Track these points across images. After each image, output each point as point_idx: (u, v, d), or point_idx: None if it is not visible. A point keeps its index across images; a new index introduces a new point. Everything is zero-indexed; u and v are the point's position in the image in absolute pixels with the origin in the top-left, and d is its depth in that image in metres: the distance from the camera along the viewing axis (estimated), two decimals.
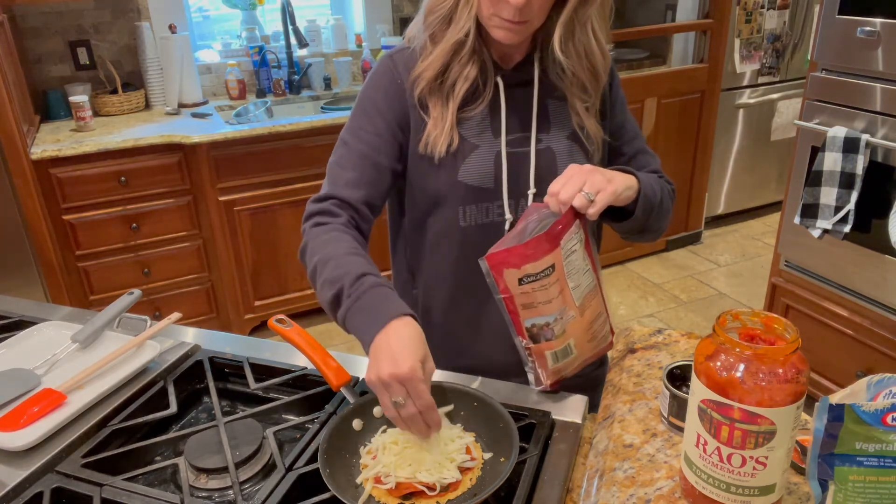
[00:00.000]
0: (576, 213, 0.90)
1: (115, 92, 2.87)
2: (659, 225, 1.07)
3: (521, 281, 0.89)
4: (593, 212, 0.89)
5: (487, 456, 0.88)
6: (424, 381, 0.81)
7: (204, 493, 0.87)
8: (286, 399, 1.01)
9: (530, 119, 1.06)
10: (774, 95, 3.66)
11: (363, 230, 1.03)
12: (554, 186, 0.90)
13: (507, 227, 1.07)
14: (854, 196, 2.00)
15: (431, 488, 0.82)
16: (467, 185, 1.04)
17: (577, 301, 0.94)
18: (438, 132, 1.02)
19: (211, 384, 1.04)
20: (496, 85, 1.04)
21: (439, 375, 1.07)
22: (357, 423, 0.91)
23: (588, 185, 0.89)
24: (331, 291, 0.91)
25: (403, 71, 1.04)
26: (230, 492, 0.87)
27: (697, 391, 0.69)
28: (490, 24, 0.97)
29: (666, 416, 0.87)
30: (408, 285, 1.18)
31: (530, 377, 0.98)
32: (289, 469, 0.86)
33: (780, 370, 0.64)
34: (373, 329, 0.85)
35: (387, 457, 0.85)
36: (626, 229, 1.04)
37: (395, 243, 1.19)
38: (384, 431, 0.91)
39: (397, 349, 0.81)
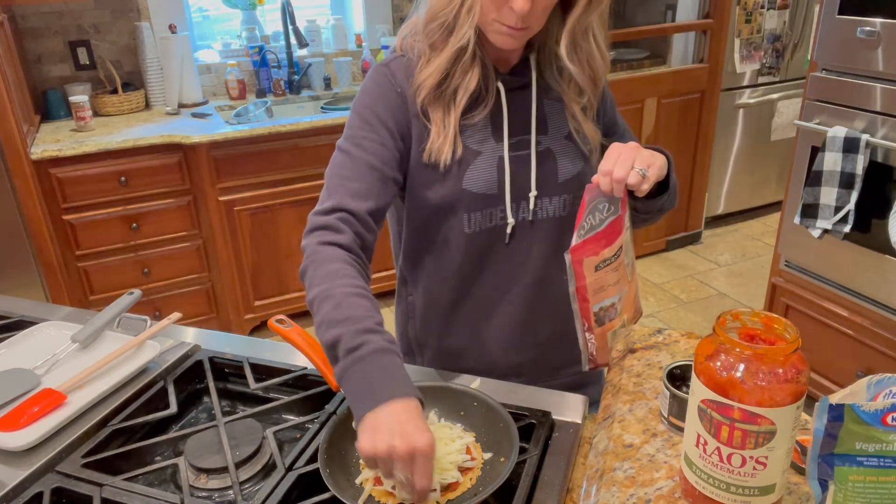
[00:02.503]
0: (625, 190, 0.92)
1: (115, 92, 2.87)
2: (672, 204, 1.08)
3: (597, 267, 0.91)
4: (646, 188, 0.90)
5: (487, 456, 0.88)
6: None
7: (204, 493, 0.87)
8: (286, 399, 1.01)
9: (529, 121, 1.05)
10: (774, 95, 3.66)
11: (368, 244, 0.99)
12: (605, 166, 0.89)
13: (508, 230, 1.07)
14: (854, 196, 2.00)
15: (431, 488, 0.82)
16: (472, 192, 1.03)
17: (629, 276, 0.98)
18: (442, 141, 1.01)
19: (211, 384, 1.04)
20: (497, 90, 1.04)
21: (439, 376, 1.07)
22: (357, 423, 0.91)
23: (638, 161, 0.89)
24: (328, 335, 0.84)
25: (403, 80, 1.02)
26: (230, 492, 0.87)
27: (697, 391, 0.69)
28: (490, 30, 0.96)
29: (666, 416, 0.87)
30: (402, 290, 1.18)
31: (585, 359, 0.99)
32: (289, 469, 0.86)
33: (780, 370, 0.64)
34: (373, 401, 0.78)
35: None
36: (650, 208, 1.04)
37: (398, 248, 1.19)
38: None
39: (409, 422, 0.75)
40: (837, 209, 2.04)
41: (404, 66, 1.03)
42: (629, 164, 0.89)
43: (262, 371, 1.07)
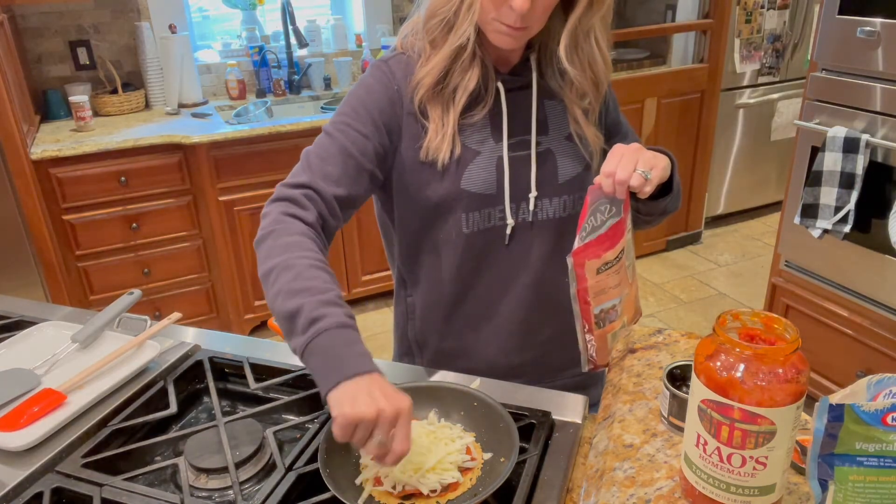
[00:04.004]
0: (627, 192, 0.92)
1: (115, 92, 2.87)
2: (675, 206, 1.08)
3: (598, 270, 0.91)
4: (649, 189, 0.89)
5: (487, 456, 0.88)
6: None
7: (204, 493, 0.87)
8: (286, 399, 1.01)
9: (529, 122, 1.05)
10: (774, 95, 3.66)
11: (330, 228, 0.98)
12: (608, 167, 0.89)
13: (508, 231, 1.06)
14: (854, 196, 2.00)
15: (431, 489, 0.82)
16: (470, 192, 1.03)
17: (630, 278, 0.98)
18: (440, 140, 1.01)
19: (211, 384, 1.04)
20: (496, 90, 1.03)
21: (439, 376, 1.07)
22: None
23: (641, 163, 0.89)
24: (287, 304, 0.83)
25: (401, 77, 1.02)
26: (230, 492, 0.87)
27: (697, 391, 0.69)
28: (489, 28, 0.96)
29: (666, 416, 0.87)
30: (401, 291, 1.18)
31: (584, 360, 0.99)
32: (289, 469, 0.86)
33: (780, 370, 0.64)
34: (342, 374, 0.78)
35: None
36: (653, 210, 1.04)
37: (391, 250, 1.18)
38: None
39: (387, 387, 0.78)
40: (837, 209, 2.04)
41: (404, 64, 1.03)
42: (632, 165, 0.88)
43: (262, 371, 1.07)
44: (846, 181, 2.01)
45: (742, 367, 0.65)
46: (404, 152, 1.03)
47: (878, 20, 1.91)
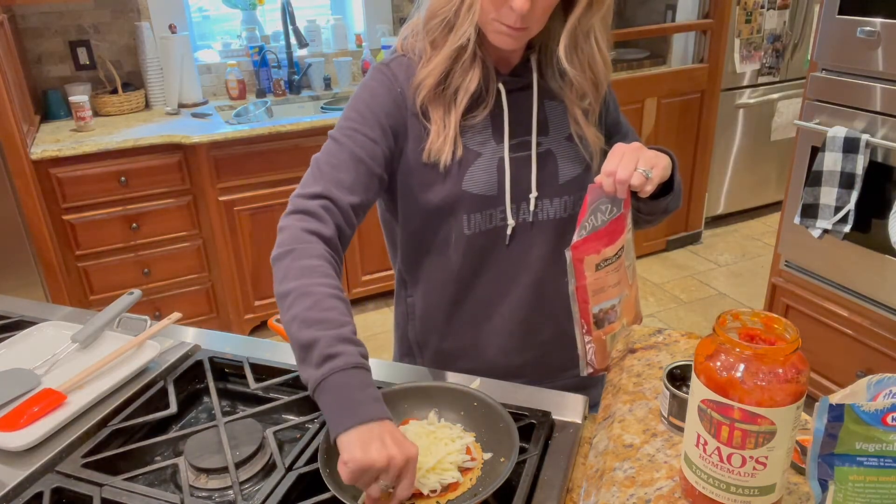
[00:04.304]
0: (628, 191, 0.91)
1: (115, 92, 2.88)
2: (676, 205, 1.08)
3: (597, 266, 0.91)
4: (650, 189, 0.89)
5: (487, 456, 0.88)
6: None
7: (204, 493, 0.87)
8: (286, 399, 1.01)
9: (530, 123, 1.05)
10: (774, 95, 3.66)
11: (346, 238, 0.98)
12: (608, 166, 0.89)
13: (508, 231, 1.06)
14: (854, 196, 2.00)
15: (431, 489, 0.82)
16: (472, 193, 1.03)
17: (630, 279, 0.97)
18: (442, 141, 1.00)
19: (211, 384, 1.04)
20: (497, 91, 1.03)
21: (439, 376, 1.07)
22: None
23: (642, 161, 0.89)
24: (304, 334, 0.83)
25: (404, 79, 1.02)
26: (230, 492, 0.87)
27: (697, 391, 0.69)
28: (489, 29, 0.96)
29: (666, 416, 0.87)
30: (401, 292, 1.18)
31: (582, 364, 0.99)
32: (289, 469, 0.86)
33: (780, 370, 0.64)
34: (356, 417, 0.78)
35: None
36: (654, 209, 1.04)
37: (394, 251, 1.18)
38: None
39: (397, 434, 0.79)
40: (837, 209, 2.04)
41: (405, 66, 1.03)
42: (633, 164, 0.88)
43: (262, 371, 1.07)
44: (846, 181, 2.01)
45: (742, 367, 0.65)
46: (409, 154, 1.03)
47: (878, 20, 1.91)
